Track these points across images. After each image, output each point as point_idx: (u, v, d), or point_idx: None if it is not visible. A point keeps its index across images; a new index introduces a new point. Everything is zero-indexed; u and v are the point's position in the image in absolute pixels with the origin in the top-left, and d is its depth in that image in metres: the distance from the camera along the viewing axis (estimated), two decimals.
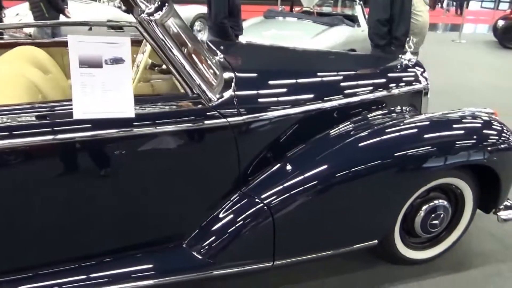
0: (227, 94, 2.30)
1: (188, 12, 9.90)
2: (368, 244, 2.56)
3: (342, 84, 2.86)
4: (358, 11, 7.72)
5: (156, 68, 3.12)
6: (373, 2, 4.43)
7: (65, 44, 3.25)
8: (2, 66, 2.54)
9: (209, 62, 2.43)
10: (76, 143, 1.98)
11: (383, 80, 3.07)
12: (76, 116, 1.90)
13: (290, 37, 6.76)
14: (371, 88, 2.92)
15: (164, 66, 3.03)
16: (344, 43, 6.91)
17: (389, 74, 3.20)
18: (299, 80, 2.74)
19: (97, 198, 2.12)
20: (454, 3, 19.56)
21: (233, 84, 2.40)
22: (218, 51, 2.91)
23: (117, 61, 1.92)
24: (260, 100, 2.45)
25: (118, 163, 2.10)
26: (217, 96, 2.24)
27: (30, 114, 1.95)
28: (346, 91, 2.78)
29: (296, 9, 8.93)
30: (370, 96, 2.88)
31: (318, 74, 2.88)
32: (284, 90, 2.59)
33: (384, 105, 2.97)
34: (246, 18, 7.93)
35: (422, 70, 3.35)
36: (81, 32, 6.15)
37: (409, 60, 3.43)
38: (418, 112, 3.25)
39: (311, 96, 2.59)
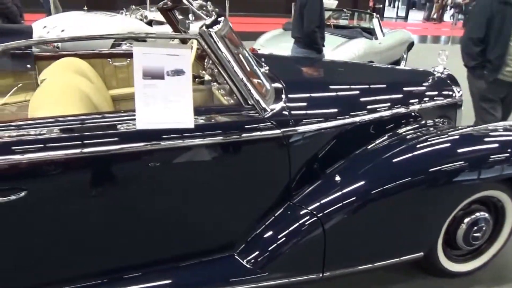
0: (279, 105, 2.27)
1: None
2: (414, 257, 2.51)
3: (383, 97, 2.82)
4: (375, 24, 7.69)
5: (196, 79, 3.09)
6: (470, 17, 3.94)
7: (106, 55, 3.26)
8: (54, 77, 2.53)
9: (259, 73, 2.40)
10: (136, 153, 1.95)
11: (420, 93, 3.04)
12: (139, 126, 1.87)
13: None
14: (409, 100, 2.88)
15: (206, 77, 3.00)
16: (363, 55, 6.89)
17: (425, 87, 3.16)
18: (344, 92, 2.73)
19: (151, 207, 2.08)
20: (458, 16, 19.59)
21: (283, 95, 2.36)
22: (262, 63, 2.88)
23: (178, 72, 1.89)
24: (310, 111, 2.41)
25: (174, 173, 2.07)
26: (270, 107, 2.21)
27: (91, 124, 1.92)
28: (385, 104, 2.75)
29: None
30: (410, 108, 2.85)
31: (360, 86, 2.86)
32: (332, 101, 2.58)
33: (420, 118, 2.92)
34: (266, 30, 7.96)
35: (455, 82, 3.31)
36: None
37: (441, 73, 3.38)
38: (454, 124, 3.20)
39: (358, 107, 2.57)
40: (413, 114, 2.86)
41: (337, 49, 6.62)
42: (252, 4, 17.78)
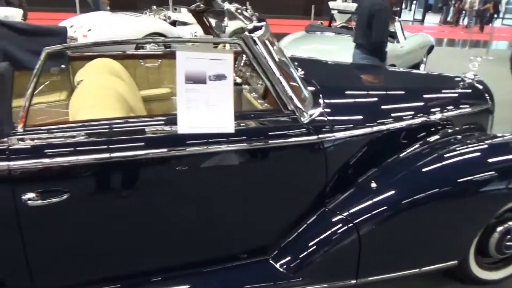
0: (317, 111, 2.23)
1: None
2: (448, 265, 2.45)
3: (417, 103, 2.76)
4: (398, 27, 7.58)
5: None
6: None
7: (137, 57, 3.24)
8: (91, 78, 2.50)
9: (297, 78, 2.35)
10: (176, 158, 1.93)
11: (453, 99, 2.96)
12: (181, 130, 1.84)
13: (332, 51, 6.66)
14: (443, 107, 2.81)
15: (238, 80, 2.96)
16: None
17: (457, 94, 3.08)
18: (379, 99, 2.67)
19: (188, 211, 2.06)
20: (474, 19, 19.35)
21: (320, 101, 2.31)
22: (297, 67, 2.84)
23: (220, 77, 1.85)
24: (347, 117, 2.36)
25: (212, 177, 2.04)
26: (309, 112, 2.17)
27: (137, 128, 1.91)
28: (419, 111, 2.68)
29: (334, 24, 8.84)
30: (442, 115, 2.78)
31: (396, 92, 2.80)
32: (367, 108, 2.53)
33: (452, 124, 2.85)
34: (286, 32, 7.89)
35: (486, 88, 3.23)
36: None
37: (472, 79, 3.30)
38: (486, 131, 3.13)
39: (393, 114, 2.52)
40: (445, 121, 2.79)
41: None
42: (271, 5, 17.70)
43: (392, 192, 2.29)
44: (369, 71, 3.65)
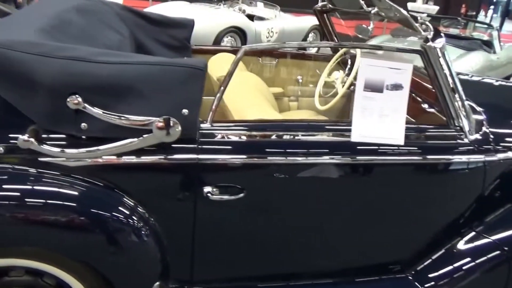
0: (482, 130, 2.24)
1: (303, 22, 9.87)
2: None
3: None
4: (494, 36, 7.45)
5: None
6: None
7: (255, 53, 3.32)
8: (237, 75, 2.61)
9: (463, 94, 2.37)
10: (339, 165, 2.01)
11: None
12: (354, 138, 1.90)
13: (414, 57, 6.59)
14: None
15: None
16: (480, 69, 6.69)
17: None
18: None
19: (333, 222, 2.14)
20: None
21: (483, 119, 2.32)
22: None
23: (396, 87, 1.90)
24: (509, 138, 2.35)
25: (367, 187, 2.11)
26: (474, 130, 2.19)
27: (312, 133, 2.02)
28: None
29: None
30: None
31: None
32: None
33: None
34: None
35: None
36: None
37: None
38: None
39: None
40: None
41: (456, 61, 6.46)
42: None
43: None
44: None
